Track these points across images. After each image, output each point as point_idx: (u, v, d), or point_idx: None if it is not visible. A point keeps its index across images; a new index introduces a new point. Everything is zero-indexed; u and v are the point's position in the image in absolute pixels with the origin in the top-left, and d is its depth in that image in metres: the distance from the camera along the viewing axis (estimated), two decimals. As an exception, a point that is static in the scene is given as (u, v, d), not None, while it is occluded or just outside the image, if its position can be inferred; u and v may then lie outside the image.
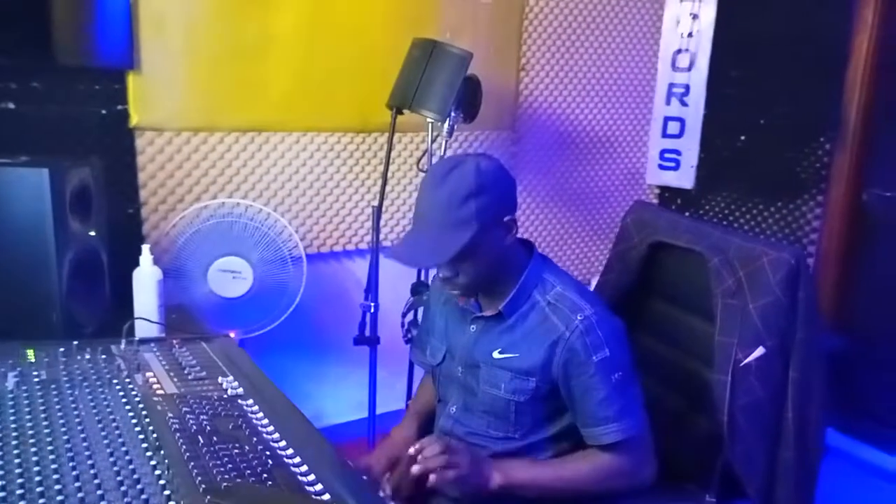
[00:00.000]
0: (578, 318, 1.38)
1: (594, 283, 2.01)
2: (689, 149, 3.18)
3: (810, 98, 2.80)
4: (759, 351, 1.52)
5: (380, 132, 2.62)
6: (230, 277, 2.26)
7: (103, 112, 2.21)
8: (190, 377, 1.43)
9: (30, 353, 1.45)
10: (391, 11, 2.56)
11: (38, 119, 2.09)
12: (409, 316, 2.31)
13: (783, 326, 1.51)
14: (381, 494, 1.32)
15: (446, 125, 2.25)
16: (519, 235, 1.47)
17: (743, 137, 3.02)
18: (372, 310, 2.31)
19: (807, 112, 2.81)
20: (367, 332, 2.34)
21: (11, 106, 2.06)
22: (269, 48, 2.41)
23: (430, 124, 2.30)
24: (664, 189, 3.34)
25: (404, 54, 2.28)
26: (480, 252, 1.36)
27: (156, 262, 1.86)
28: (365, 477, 1.32)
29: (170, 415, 1.21)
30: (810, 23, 2.78)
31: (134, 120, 2.25)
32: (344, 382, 2.58)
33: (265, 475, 1.07)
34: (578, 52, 3.04)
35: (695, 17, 3.06)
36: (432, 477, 1.28)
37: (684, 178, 3.21)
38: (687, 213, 3.23)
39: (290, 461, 1.13)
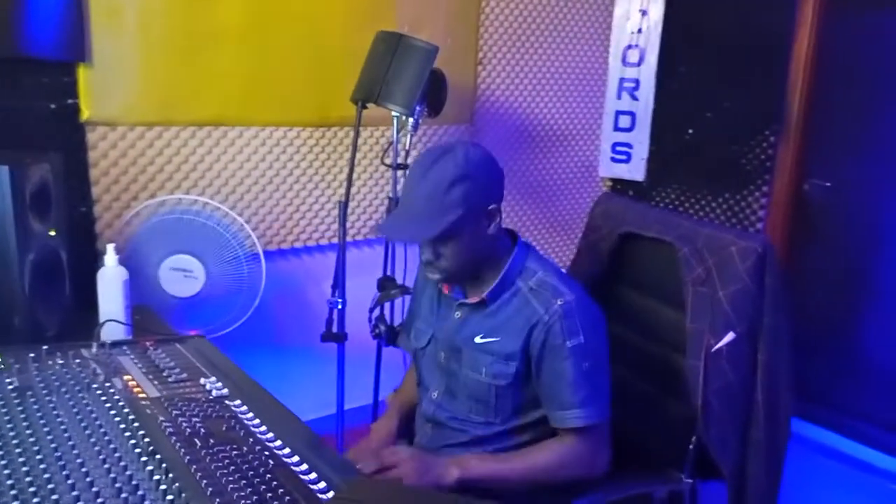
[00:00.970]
0: (558, 302, 1.41)
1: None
2: (640, 142, 3.26)
3: (755, 93, 2.91)
4: (730, 336, 1.58)
5: (339, 126, 2.60)
6: (182, 276, 2.20)
7: (53, 106, 2.11)
8: (170, 379, 1.39)
9: (-3, 359, 1.39)
10: (349, 3, 2.53)
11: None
12: (377, 311, 2.30)
13: (752, 312, 1.57)
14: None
15: (412, 119, 2.24)
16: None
17: (691, 131, 3.11)
18: (340, 306, 2.29)
19: (752, 106, 2.92)
20: (335, 329, 2.31)
21: (-47, 97, 1.95)
22: (225, 40, 2.35)
23: (395, 118, 2.29)
24: (616, 181, 3.42)
25: (364, 47, 2.25)
26: (464, 237, 1.39)
27: None
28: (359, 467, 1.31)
29: (161, 418, 1.18)
30: (754, 20, 2.88)
31: (85, 114, 2.16)
32: (311, 380, 2.55)
33: (268, 475, 1.05)
34: (534, 47, 3.07)
35: (644, 13, 3.14)
36: None
37: (636, 170, 3.29)
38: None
39: (289, 460, 1.12)
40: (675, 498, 1.65)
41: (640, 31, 3.16)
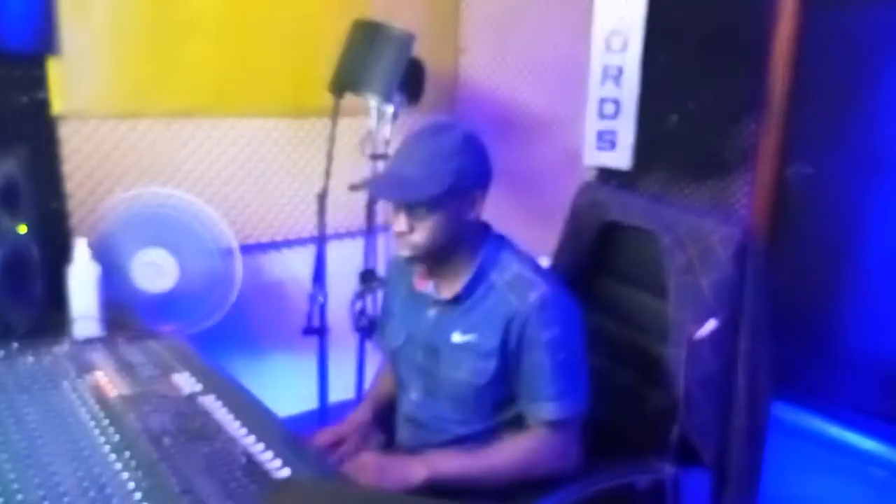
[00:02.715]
0: (534, 295, 1.39)
1: (544, 264, 2.03)
2: (625, 129, 3.23)
3: (736, 81, 2.90)
4: (712, 325, 1.57)
5: (316, 116, 2.55)
6: (153, 271, 2.16)
7: (24, 100, 2.06)
8: (143, 376, 1.37)
9: (-35, 357, 1.35)
10: (324, -10, 2.50)
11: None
12: (359, 304, 2.28)
13: (734, 300, 1.56)
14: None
15: (391, 108, 2.21)
16: None
17: (675, 118, 3.10)
18: (321, 300, 2.27)
19: (733, 94, 2.91)
20: (316, 323, 2.29)
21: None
22: (198, 29, 2.30)
23: (373, 108, 2.26)
24: (602, 170, 3.40)
25: (339, 35, 2.22)
26: (444, 212, 1.37)
27: None
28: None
29: (131, 415, 1.15)
30: (736, 8, 2.87)
31: (56, 107, 2.12)
32: (292, 374, 2.52)
33: (239, 472, 1.03)
34: (516, 34, 3.04)
35: (626, -1, 3.11)
36: None
37: (621, 158, 3.27)
38: (622, 193, 3.31)
39: (262, 456, 1.10)
40: (658, 487, 1.63)
41: (623, 17, 3.14)
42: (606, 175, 3.38)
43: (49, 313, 1.75)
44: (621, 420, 1.71)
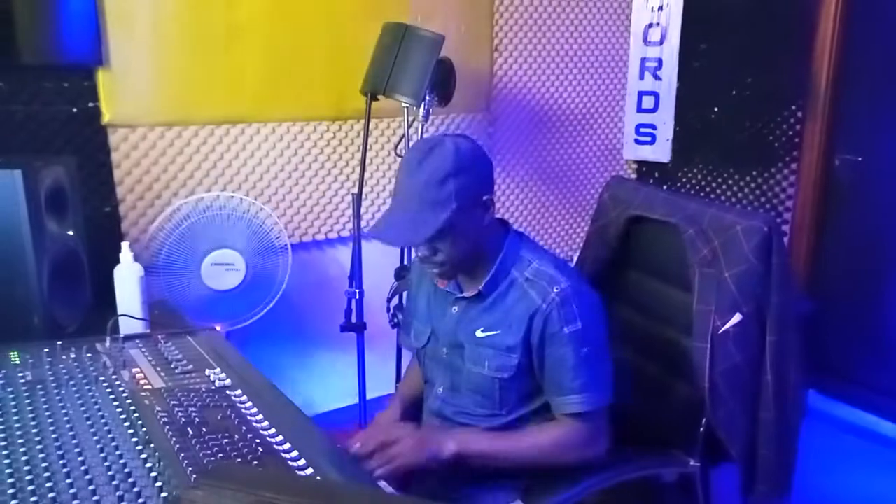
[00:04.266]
0: (555, 290, 1.40)
1: (576, 259, 2.04)
2: (664, 122, 3.20)
3: (779, 67, 2.83)
4: (737, 317, 1.55)
5: (356, 119, 2.62)
6: (223, 270, 2.24)
7: (74, 110, 2.18)
8: (177, 371, 1.44)
9: (13, 355, 1.45)
10: (361, -2, 2.55)
11: (6, 119, 2.06)
12: (395, 301, 2.33)
13: (758, 292, 1.54)
14: (376, 474, 1.34)
15: (422, 109, 2.25)
16: (497, 215, 1.49)
17: (716, 109, 3.04)
18: (357, 296, 2.32)
19: (776, 81, 2.84)
20: (354, 319, 2.35)
21: (-20, 107, 2.04)
22: (239, 38, 2.39)
23: (405, 109, 2.31)
24: (641, 163, 3.37)
25: (376, 40, 2.27)
26: (459, 231, 1.38)
27: (138, 258, 1.84)
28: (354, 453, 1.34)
29: (158, 408, 1.22)
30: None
31: (106, 117, 2.23)
32: (333, 370, 2.60)
33: (255, 462, 1.08)
34: (551, 31, 3.04)
35: (664, -10, 3.08)
36: (379, 471, 1.32)
37: (660, 151, 3.24)
38: (665, 187, 3.26)
39: (280, 447, 1.15)
40: (685, 481, 1.63)
41: (660, 8, 3.10)
42: (647, 169, 3.35)
43: (100, 313, 1.85)
44: (650, 413, 1.71)
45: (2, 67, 2.05)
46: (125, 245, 1.82)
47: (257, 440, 1.16)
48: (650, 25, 3.15)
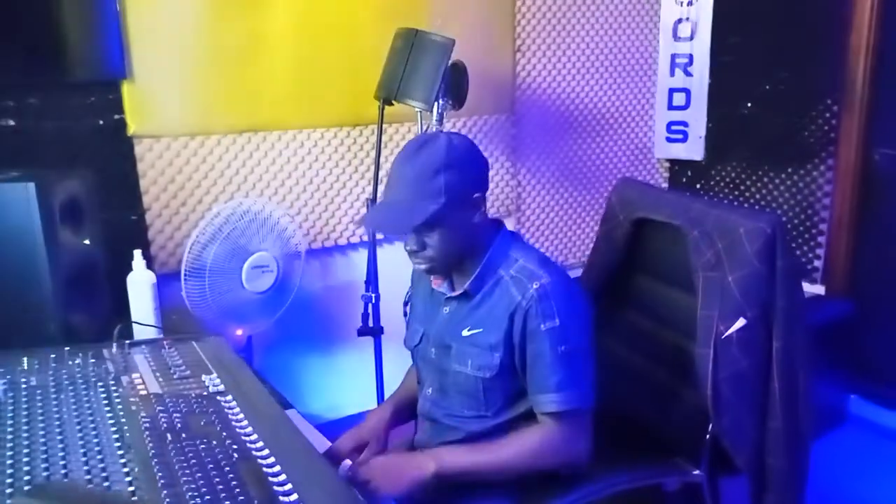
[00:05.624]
0: (534, 286, 1.39)
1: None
2: (697, 119, 3.12)
3: (813, 59, 2.73)
4: (740, 322, 1.50)
5: (374, 125, 2.63)
6: (260, 272, 2.29)
7: (101, 123, 2.26)
8: (175, 376, 1.46)
9: (24, 360, 1.51)
10: (380, 4, 2.56)
11: (37, 134, 2.15)
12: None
13: (763, 297, 1.49)
14: (341, 473, 1.35)
15: (434, 113, 2.25)
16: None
17: (749, 104, 2.95)
18: (373, 301, 2.34)
19: (810, 73, 2.74)
20: (371, 323, 2.37)
21: (11, 123, 2.13)
22: (259, 49, 2.44)
23: (418, 113, 2.31)
24: (674, 162, 3.29)
25: (390, 45, 2.29)
26: (447, 226, 1.38)
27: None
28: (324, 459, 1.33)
29: (143, 414, 1.25)
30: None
31: (132, 128, 2.30)
32: (354, 374, 2.62)
33: (227, 468, 1.10)
34: (575, 29, 3.00)
35: (693, -16, 3.00)
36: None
37: (693, 149, 3.16)
38: (697, 185, 3.18)
39: (257, 454, 1.16)
40: (689, 491, 1.58)
41: (690, 2, 3.02)
42: (679, 168, 3.27)
43: (119, 321, 1.91)
44: (655, 418, 1.67)
45: (35, 86, 2.15)
46: (137, 253, 1.88)
47: (235, 446, 1.17)
48: (680, 20, 3.08)
